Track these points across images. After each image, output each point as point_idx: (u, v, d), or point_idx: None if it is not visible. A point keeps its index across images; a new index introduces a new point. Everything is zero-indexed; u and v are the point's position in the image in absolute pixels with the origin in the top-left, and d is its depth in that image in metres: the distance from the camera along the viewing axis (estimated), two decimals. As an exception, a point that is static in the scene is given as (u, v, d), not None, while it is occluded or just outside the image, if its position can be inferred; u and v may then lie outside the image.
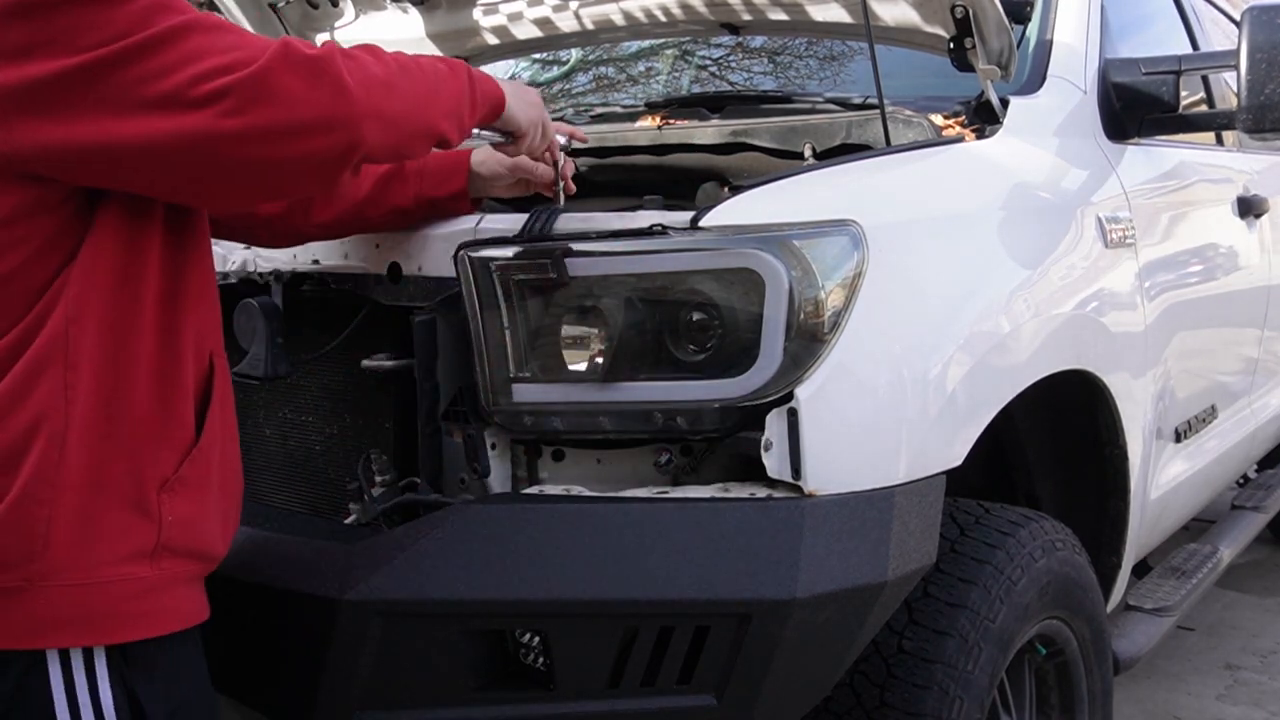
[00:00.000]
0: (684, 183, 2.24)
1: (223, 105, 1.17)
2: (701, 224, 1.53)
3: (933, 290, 1.68)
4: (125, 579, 1.29)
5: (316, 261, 1.84)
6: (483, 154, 1.77)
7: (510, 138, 1.64)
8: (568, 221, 1.61)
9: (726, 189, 1.82)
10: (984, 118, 2.08)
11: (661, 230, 1.54)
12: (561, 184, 1.74)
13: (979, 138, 2.03)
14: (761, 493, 1.52)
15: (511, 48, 2.79)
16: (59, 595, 1.26)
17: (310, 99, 1.21)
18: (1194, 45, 3.22)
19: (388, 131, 1.31)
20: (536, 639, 1.54)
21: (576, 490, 1.60)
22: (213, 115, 1.17)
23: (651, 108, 2.39)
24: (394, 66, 1.35)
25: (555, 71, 3.16)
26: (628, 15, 2.78)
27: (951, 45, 2.01)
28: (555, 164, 1.74)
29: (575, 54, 3.21)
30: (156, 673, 1.32)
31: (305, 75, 1.21)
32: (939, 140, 2.00)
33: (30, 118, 1.18)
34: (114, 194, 1.28)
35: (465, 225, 1.70)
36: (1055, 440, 2.24)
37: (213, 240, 1.48)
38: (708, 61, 3.15)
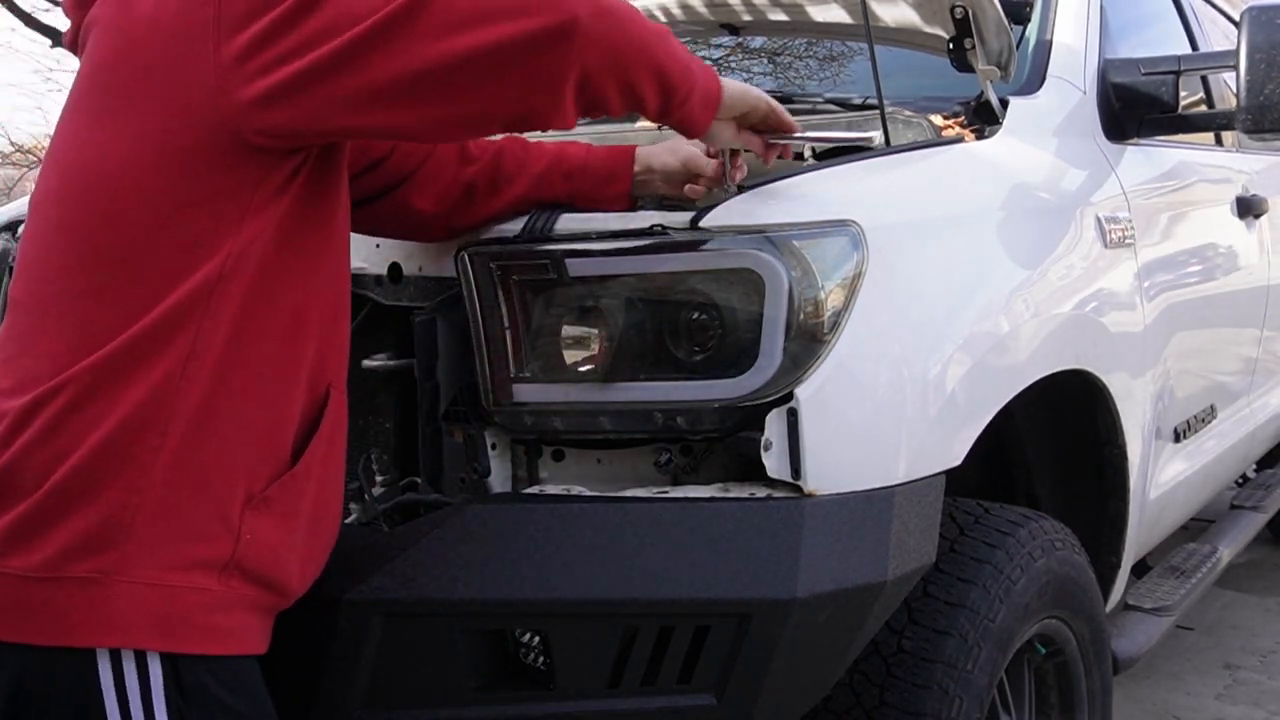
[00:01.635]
0: (684, 183, 2.24)
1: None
2: (701, 224, 1.53)
3: (932, 290, 1.68)
4: (192, 588, 1.24)
5: (317, 261, 1.84)
6: (649, 149, 1.71)
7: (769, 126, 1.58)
8: (568, 221, 1.61)
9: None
10: (983, 118, 2.08)
11: (661, 230, 1.54)
12: (730, 174, 1.66)
13: (978, 138, 2.03)
14: (761, 492, 1.52)
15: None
16: (129, 592, 1.20)
17: None
18: (1193, 45, 3.22)
19: (606, 21, 1.24)
20: (536, 639, 1.54)
21: (576, 490, 1.60)
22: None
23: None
24: None
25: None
26: (628, 15, 2.78)
27: (951, 45, 2.01)
28: (725, 156, 1.65)
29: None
30: (210, 697, 1.26)
31: None
32: (938, 140, 2.00)
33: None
34: (281, 194, 1.27)
35: (465, 225, 1.70)
36: (1055, 440, 2.24)
37: None
38: (707, 62, 3.15)
